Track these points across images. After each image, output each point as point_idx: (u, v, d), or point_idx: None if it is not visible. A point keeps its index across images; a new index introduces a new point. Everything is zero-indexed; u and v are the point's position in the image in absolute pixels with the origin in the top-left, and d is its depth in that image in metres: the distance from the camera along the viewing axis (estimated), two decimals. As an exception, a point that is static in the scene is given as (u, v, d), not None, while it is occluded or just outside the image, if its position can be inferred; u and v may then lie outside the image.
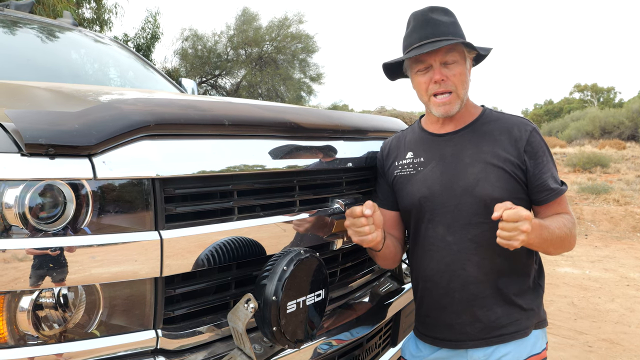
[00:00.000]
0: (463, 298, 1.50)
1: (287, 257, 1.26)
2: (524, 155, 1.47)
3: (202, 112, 1.27)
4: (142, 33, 14.61)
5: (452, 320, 1.52)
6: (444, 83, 1.46)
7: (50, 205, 1.01)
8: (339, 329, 1.55)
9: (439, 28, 1.47)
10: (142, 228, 1.10)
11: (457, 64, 1.47)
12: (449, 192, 1.49)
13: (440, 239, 1.51)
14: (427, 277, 1.56)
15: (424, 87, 1.50)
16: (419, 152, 1.59)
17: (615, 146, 22.42)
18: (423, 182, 1.54)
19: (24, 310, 1.00)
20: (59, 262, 1.00)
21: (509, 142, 1.48)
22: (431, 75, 1.47)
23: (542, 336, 1.53)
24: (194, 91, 3.44)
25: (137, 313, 1.11)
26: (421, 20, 1.50)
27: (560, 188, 1.48)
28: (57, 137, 1.00)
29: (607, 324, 3.97)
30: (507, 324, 1.48)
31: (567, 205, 1.51)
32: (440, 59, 1.46)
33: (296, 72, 20.35)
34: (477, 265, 1.48)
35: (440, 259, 1.52)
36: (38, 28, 3.03)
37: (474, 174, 1.47)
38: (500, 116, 1.56)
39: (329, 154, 1.57)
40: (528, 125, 1.51)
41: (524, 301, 1.51)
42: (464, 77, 1.49)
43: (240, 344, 1.22)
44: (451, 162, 1.52)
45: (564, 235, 1.42)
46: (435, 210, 1.52)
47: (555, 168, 1.51)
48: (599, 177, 13.40)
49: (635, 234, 7.54)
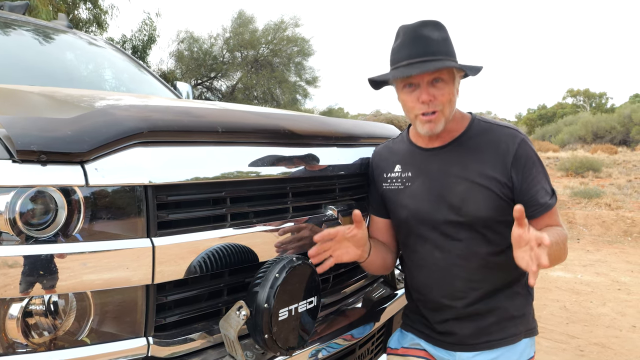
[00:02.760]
0: (453, 311, 1.50)
1: (280, 264, 1.26)
2: (511, 171, 1.41)
3: (196, 118, 1.27)
4: (139, 35, 14.57)
5: (441, 328, 1.54)
6: (431, 103, 1.40)
7: (42, 211, 1.01)
8: (331, 336, 1.55)
9: (429, 46, 1.39)
10: (134, 235, 1.09)
11: (445, 83, 1.41)
12: (436, 210, 1.47)
13: (429, 255, 1.51)
14: (418, 290, 1.58)
15: (410, 105, 1.45)
16: (407, 167, 1.57)
17: (607, 151, 22.60)
18: (411, 198, 1.52)
19: (13, 317, 0.99)
20: (50, 269, 0.99)
21: (496, 158, 1.43)
22: (418, 95, 1.41)
23: (530, 344, 1.54)
24: (188, 95, 3.44)
25: (129, 320, 1.11)
26: (411, 36, 1.42)
27: (549, 202, 1.43)
28: (49, 143, 1.00)
29: (598, 328, 3.99)
30: (496, 330, 1.49)
31: (558, 217, 1.47)
32: (429, 79, 1.40)
33: (292, 75, 20.35)
34: (466, 280, 1.47)
35: (429, 274, 1.52)
36: (32, 30, 3.02)
37: (459, 192, 1.44)
38: (488, 128, 1.50)
39: (322, 161, 1.57)
40: (516, 137, 1.45)
41: (514, 310, 1.51)
42: (452, 96, 1.43)
43: (232, 351, 1.22)
44: (437, 179, 1.49)
45: (559, 249, 1.38)
46: (422, 227, 1.50)
47: (546, 178, 1.46)
48: (591, 182, 13.50)
49: (627, 238, 7.60)
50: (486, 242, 1.45)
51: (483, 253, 1.46)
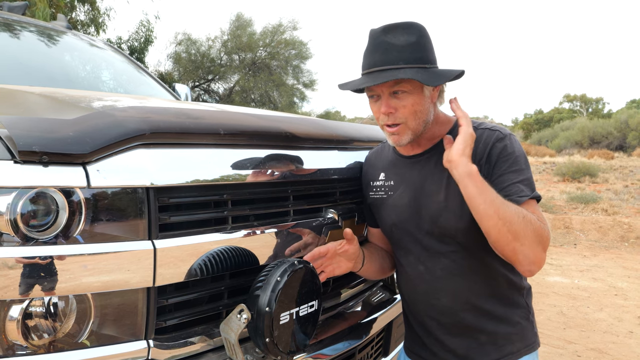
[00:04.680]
0: (442, 327, 1.43)
1: (281, 267, 1.26)
2: (484, 168, 1.30)
3: (198, 120, 1.27)
4: (136, 36, 14.57)
5: (434, 347, 1.47)
6: (392, 115, 1.33)
7: (43, 213, 1.00)
8: (331, 340, 1.55)
9: (389, 54, 1.30)
10: (135, 237, 1.09)
11: (408, 94, 1.31)
12: (417, 221, 1.41)
13: (413, 268, 1.45)
14: (408, 301, 1.54)
15: (375, 115, 1.39)
16: (390, 175, 1.52)
17: (604, 156, 22.72)
18: (393, 208, 1.47)
19: (13, 319, 0.98)
20: (50, 271, 0.98)
21: (474, 159, 1.30)
22: (379, 106, 1.35)
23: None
24: (187, 97, 3.44)
25: (129, 323, 1.10)
26: (373, 43, 1.34)
27: (532, 193, 1.27)
28: (51, 144, 0.99)
29: (595, 333, 3.99)
30: (491, 350, 1.40)
31: (541, 214, 1.30)
32: (388, 90, 1.32)
33: (289, 78, 20.39)
34: (452, 295, 1.39)
35: (415, 287, 1.47)
36: (31, 31, 3.01)
37: (437, 202, 1.37)
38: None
39: (323, 164, 1.57)
40: (494, 135, 1.34)
41: (509, 326, 1.40)
42: (417, 107, 1.32)
43: (232, 354, 1.21)
44: (417, 189, 1.42)
45: (515, 214, 1.20)
46: (405, 238, 1.45)
47: (527, 177, 1.31)
48: (587, 187, 13.55)
49: (623, 244, 7.62)
50: (469, 254, 1.37)
51: (468, 266, 1.37)
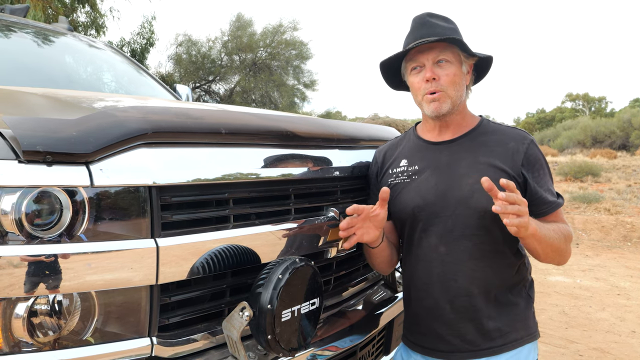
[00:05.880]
0: (454, 310, 1.48)
1: (283, 265, 1.27)
2: (521, 169, 1.45)
3: (199, 120, 1.28)
4: (137, 38, 14.61)
5: (443, 331, 1.50)
6: (435, 82, 1.46)
7: (47, 212, 1.01)
8: (332, 337, 1.56)
9: (434, 29, 1.47)
10: (138, 235, 1.10)
11: (450, 64, 1.47)
12: (443, 203, 1.47)
13: (433, 250, 1.50)
14: (419, 287, 1.55)
15: (417, 86, 1.51)
16: (414, 160, 1.58)
17: (607, 155, 22.67)
18: (417, 191, 1.53)
19: (19, 317, 0.99)
20: (55, 269, 1.00)
21: (506, 154, 1.46)
22: (424, 75, 1.48)
23: (533, 349, 1.52)
24: (188, 97, 3.45)
25: (132, 320, 1.11)
26: (418, 23, 1.51)
27: (557, 201, 1.47)
28: (55, 144, 1.00)
29: (597, 333, 3.99)
30: (497, 337, 1.47)
31: (564, 218, 1.51)
32: (433, 58, 1.47)
33: (290, 78, 20.40)
34: (469, 277, 1.46)
35: (432, 270, 1.50)
36: (33, 32, 3.03)
37: (469, 184, 1.44)
38: (498, 128, 1.55)
39: (324, 163, 1.58)
40: (526, 138, 1.49)
41: (515, 314, 1.49)
42: (457, 78, 1.48)
43: (234, 352, 1.22)
44: (446, 172, 1.50)
45: (559, 238, 1.41)
46: (428, 220, 1.50)
47: (551, 181, 1.50)
48: (590, 186, 13.53)
49: (626, 243, 7.61)
50: (491, 239, 1.45)
51: (488, 251, 1.46)
